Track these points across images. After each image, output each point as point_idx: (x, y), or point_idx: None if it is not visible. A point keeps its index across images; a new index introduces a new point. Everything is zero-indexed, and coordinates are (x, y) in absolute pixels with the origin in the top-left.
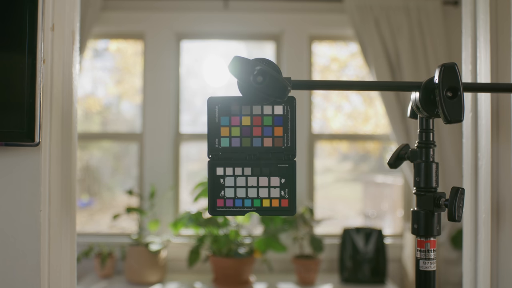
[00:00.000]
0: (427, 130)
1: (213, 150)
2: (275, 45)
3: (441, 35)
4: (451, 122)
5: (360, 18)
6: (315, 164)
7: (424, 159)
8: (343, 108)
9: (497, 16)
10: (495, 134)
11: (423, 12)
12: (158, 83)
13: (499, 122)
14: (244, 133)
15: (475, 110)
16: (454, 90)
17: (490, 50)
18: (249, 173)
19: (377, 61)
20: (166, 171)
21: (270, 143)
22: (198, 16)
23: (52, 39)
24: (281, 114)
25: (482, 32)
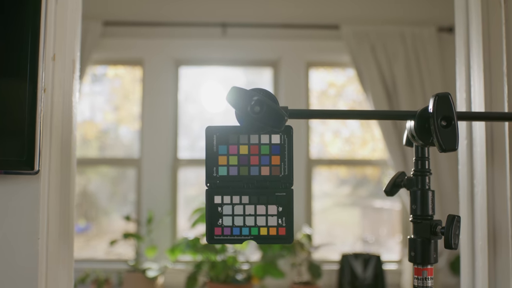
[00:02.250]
0: (423, 158)
1: (211, 178)
2: (272, 71)
3: (436, 61)
4: (445, 150)
5: (356, 44)
6: (313, 189)
7: (420, 187)
8: (341, 133)
9: (490, 45)
10: (490, 161)
11: (419, 39)
12: (157, 109)
13: (493, 149)
14: (242, 161)
15: (470, 137)
16: (448, 119)
17: (483, 79)
18: (246, 201)
19: (374, 87)
20: (163, 196)
21: (268, 172)
22: (197, 43)
23: (53, 68)
24: (278, 143)
25: (475, 60)
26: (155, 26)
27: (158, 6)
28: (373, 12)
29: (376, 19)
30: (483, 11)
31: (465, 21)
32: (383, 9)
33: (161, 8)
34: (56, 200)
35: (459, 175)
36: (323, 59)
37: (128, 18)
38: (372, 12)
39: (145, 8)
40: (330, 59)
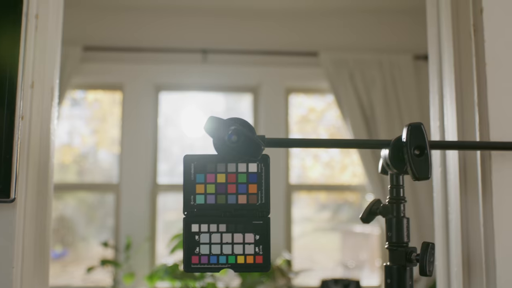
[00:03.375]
0: (398, 186)
1: (189, 207)
2: (252, 96)
3: (413, 87)
4: (419, 179)
5: (335, 71)
6: (293, 214)
7: (395, 214)
8: (321, 158)
9: (461, 76)
10: (463, 189)
11: (396, 66)
12: (136, 134)
13: (466, 177)
14: (219, 190)
15: (444, 165)
16: (421, 149)
17: (456, 108)
18: (224, 229)
19: (352, 112)
20: (142, 222)
21: (245, 200)
22: (177, 68)
23: (32, 95)
24: (256, 172)
25: (448, 90)
26: (136, 52)
27: (139, 32)
28: (351, 40)
29: (354, 46)
30: (454, 43)
31: (438, 51)
32: (361, 37)
33: (141, 33)
34: (31, 228)
35: (434, 202)
36: (302, 85)
37: (108, 43)
38: (350, 40)
39: (125, 34)
40: (309, 85)
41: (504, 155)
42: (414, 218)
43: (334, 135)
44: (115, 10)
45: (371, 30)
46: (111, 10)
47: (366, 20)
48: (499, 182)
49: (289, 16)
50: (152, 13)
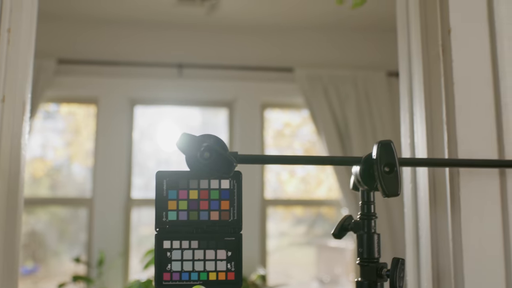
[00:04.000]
0: (368, 202)
1: (161, 223)
2: (228, 111)
3: (386, 103)
4: (388, 196)
5: (310, 87)
6: (269, 228)
7: (366, 230)
8: (297, 172)
9: (430, 94)
10: (433, 205)
11: (369, 82)
12: (110, 147)
13: (436, 194)
14: (192, 206)
15: (414, 181)
16: (391, 166)
17: (425, 126)
18: (196, 246)
19: (327, 128)
20: (115, 237)
21: (217, 217)
22: (153, 82)
23: (2, 110)
24: (228, 188)
25: (418, 108)
26: (111, 65)
27: (114, 45)
28: (326, 56)
29: (329, 62)
30: (424, 62)
31: (408, 70)
32: (336, 53)
33: (117, 47)
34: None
35: (405, 218)
36: (278, 101)
37: (83, 56)
38: (325, 56)
39: (100, 47)
40: (285, 101)
41: (471, 172)
42: (388, 234)
43: (309, 150)
44: (91, 23)
45: (345, 47)
46: (87, 23)
47: (340, 36)
48: (466, 198)
49: (264, 32)
50: (128, 27)
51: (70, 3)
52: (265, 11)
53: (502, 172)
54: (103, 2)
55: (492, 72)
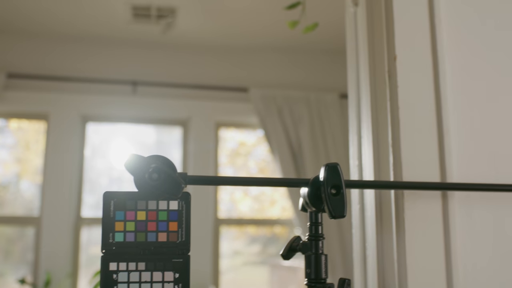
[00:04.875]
0: (316, 223)
1: (107, 245)
2: (182, 130)
3: (339, 125)
4: (335, 217)
5: (264, 107)
6: (222, 247)
7: (314, 251)
8: (250, 191)
9: (377, 118)
10: (379, 226)
11: (322, 103)
12: (60, 164)
13: (382, 215)
14: (139, 227)
15: (362, 202)
16: (337, 188)
17: (372, 149)
18: (143, 268)
19: (280, 148)
20: (64, 257)
21: (165, 238)
22: (106, 99)
23: None
24: (176, 209)
25: (365, 131)
26: (63, 81)
27: (67, 61)
28: (280, 77)
29: (283, 83)
30: (371, 87)
31: (356, 94)
32: (290, 74)
33: (69, 62)
34: None
35: (353, 238)
36: (233, 120)
37: (34, 71)
38: (279, 77)
39: (52, 62)
40: (239, 120)
41: (415, 194)
42: (340, 254)
43: (264, 169)
44: (43, 37)
45: (299, 68)
46: (39, 37)
47: (295, 58)
48: (410, 219)
49: (220, 52)
50: (82, 42)
51: (22, 17)
52: (220, 31)
53: (444, 195)
54: (57, 17)
55: (435, 98)
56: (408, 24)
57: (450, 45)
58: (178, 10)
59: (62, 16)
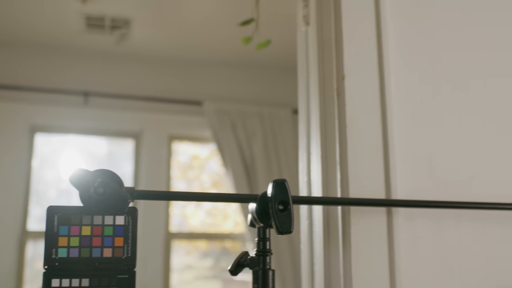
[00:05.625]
0: (264, 239)
1: (50, 260)
2: (135, 142)
3: (291, 140)
4: (282, 233)
5: (218, 121)
6: (173, 262)
7: (261, 266)
8: (203, 205)
9: (326, 135)
10: (326, 242)
11: (276, 119)
12: (6, 175)
13: (329, 230)
14: (84, 243)
15: (310, 218)
16: (285, 204)
17: (321, 165)
18: (86, 284)
19: (234, 162)
20: (8, 272)
21: (110, 254)
22: (56, 110)
23: None
24: (123, 225)
25: (314, 148)
26: (10, 90)
27: (15, 69)
28: (234, 91)
29: (237, 98)
30: (320, 105)
31: (306, 111)
32: (244, 89)
33: (18, 71)
34: None
35: (301, 253)
36: (186, 133)
37: None
38: (234, 91)
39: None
40: (193, 134)
41: (361, 210)
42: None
43: (217, 183)
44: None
45: (254, 83)
46: None
47: (249, 73)
48: (356, 235)
49: (174, 65)
50: (33, 51)
51: None
52: (175, 44)
53: (389, 211)
54: (7, 24)
55: (381, 117)
56: (356, 44)
57: (396, 66)
58: (133, 21)
59: (12, 23)
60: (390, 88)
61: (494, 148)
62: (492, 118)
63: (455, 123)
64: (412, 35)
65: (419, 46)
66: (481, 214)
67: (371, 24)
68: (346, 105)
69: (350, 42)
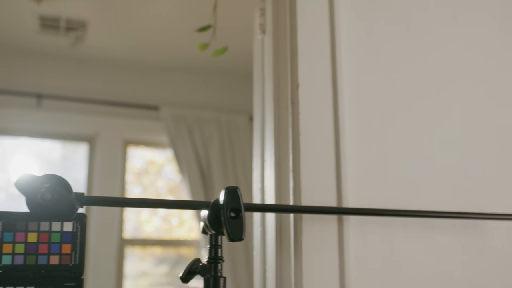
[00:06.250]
0: (216, 246)
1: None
2: (89, 146)
3: (248, 147)
4: (233, 240)
5: (174, 127)
6: (127, 268)
7: (213, 274)
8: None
9: (280, 143)
10: (279, 249)
11: (233, 125)
12: None
13: (282, 237)
14: (29, 250)
15: (263, 225)
16: (237, 211)
17: (274, 173)
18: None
19: (190, 168)
20: None
21: (57, 261)
22: (8, 112)
23: None
24: (71, 231)
25: (268, 156)
26: None
27: None
28: (192, 97)
29: (195, 103)
30: (275, 113)
31: (261, 119)
32: (201, 95)
33: None
34: None
35: (254, 260)
36: (142, 138)
37: None
38: (191, 97)
39: None
40: (149, 139)
41: (313, 218)
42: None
43: (173, 189)
44: None
45: (211, 89)
46: None
47: (207, 79)
48: (308, 242)
49: (131, 68)
50: None
51: None
52: (132, 48)
53: (340, 219)
54: None
55: (334, 126)
56: (311, 54)
57: (349, 76)
58: (89, 23)
59: None
60: (343, 98)
61: (442, 157)
62: (439, 128)
63: (406, 133)
64: (366, 44)
65: (373, 56)
66: (430, 222)
67: (326, 34)
68: (300, 113)
69: (305, 52)
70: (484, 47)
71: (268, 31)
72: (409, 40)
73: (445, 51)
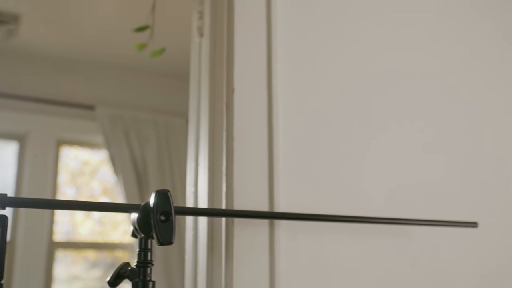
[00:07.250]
0: (145, 249)
1: None
2: (19, 145)
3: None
4: (163, 244)
5: (110, 127)
6: (58, 272)
7: (142, 278)
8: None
9: (214, 147)
10: (210, 252)
11: (170, 127)
12: None
13: (213, 241)
14: None
15: (196, 229)
16: (167, 215)
17: (208, 177)
18: None
19: (125, 169)
20: None
21: None
22: None
23: None
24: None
25: (202, 159)
26: None
27: None
28: (129, 98)
29: (131, 104)
30: (210, 116)
31: (196, 122)
32: (138, 96)
33: None
34: None
35: (185, 263)
36: (76, 138)
37: None
38: (128, 98)
39: None
40: (84, 139)
41: (244, 222)
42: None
43: (108, 190)
44: None
45: (149, 90)
46: None
47: (144, 79)
48: (239, 246)
49: (66, 66)
50: None
51: None
52: (68, 45)
53: (272, 223)
54: None
55: (268, 131)
56: (247, 59)
57: (284, 82)
58: (22, 17)
59: None
60: (277, 103)
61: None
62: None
63: (340, 138)
64: (300, 51)
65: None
66: (358, 228)
67: (262, 40)
68: (234, 118)
69: (241, 57)
70: (427, 46)
71: (206, 34)
72: (347, 43)
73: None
